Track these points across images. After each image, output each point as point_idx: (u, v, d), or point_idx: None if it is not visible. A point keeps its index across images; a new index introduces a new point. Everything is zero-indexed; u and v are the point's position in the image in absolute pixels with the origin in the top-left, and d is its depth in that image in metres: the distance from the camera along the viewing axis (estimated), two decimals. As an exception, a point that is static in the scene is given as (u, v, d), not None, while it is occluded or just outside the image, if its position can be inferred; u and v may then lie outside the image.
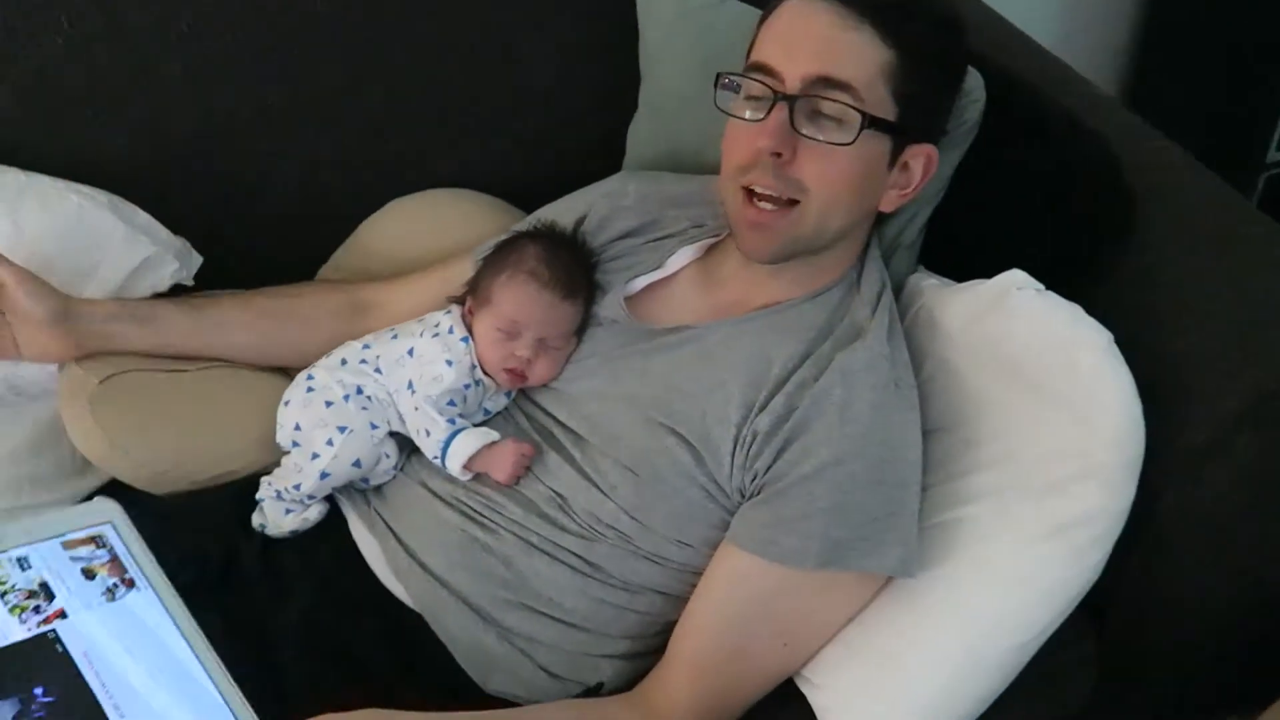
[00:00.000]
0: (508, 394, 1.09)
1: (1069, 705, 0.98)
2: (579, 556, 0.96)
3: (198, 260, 1.23)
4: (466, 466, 1.00)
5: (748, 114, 0.92)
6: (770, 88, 0.90)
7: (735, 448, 0.93)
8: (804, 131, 0.88)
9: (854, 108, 0.88)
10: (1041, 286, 0.93)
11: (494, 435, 1.02)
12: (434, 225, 1.29)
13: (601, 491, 0.96)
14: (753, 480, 0.92)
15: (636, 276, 1.06)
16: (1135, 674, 1.04)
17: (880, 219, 1.04)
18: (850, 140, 0.88)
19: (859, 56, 0.88)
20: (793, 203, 0.91)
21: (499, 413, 1.08)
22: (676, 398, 0.97)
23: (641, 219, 1.11)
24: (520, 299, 1.03)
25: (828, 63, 0.87)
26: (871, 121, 0.88)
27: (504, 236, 1.12)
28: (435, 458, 1.02)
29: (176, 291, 1.20)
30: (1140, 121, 1.06)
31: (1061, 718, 0.99)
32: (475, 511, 1.00)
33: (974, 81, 1.06)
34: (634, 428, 0.97)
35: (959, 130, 1.06)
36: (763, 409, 0.92)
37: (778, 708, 0.96)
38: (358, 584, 0.99)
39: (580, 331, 1.07)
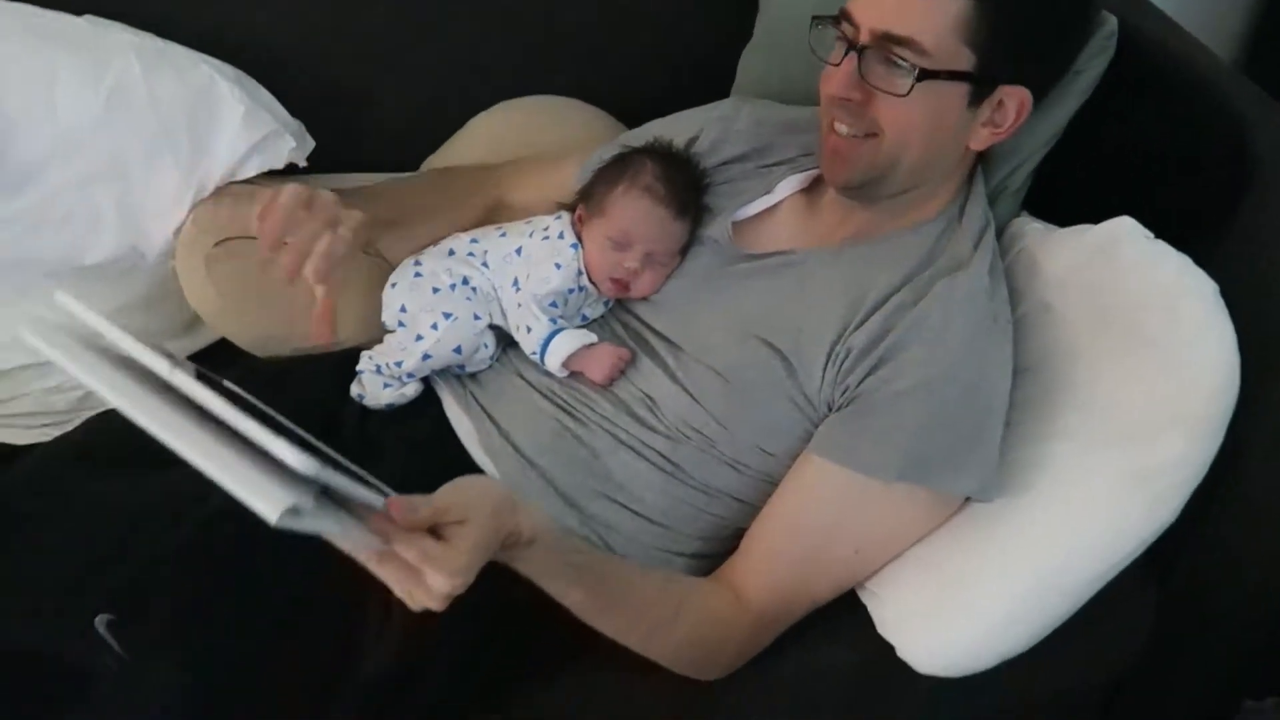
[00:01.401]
0: (606, 303, 1.12)
1: (1122, 655, 1.01)
2: (663, 456, 1.00)
3: (311, 143, 1.27)
4: (565, 364, 1.04)
5: (831, 57, 0.95)
6: (847, 37, 0.93)
7: (828, 362, 0.95)
8: (870, 80, 0.92)
9: (912, 62, 0.90)
10: (1151, 234, 0.94)
11: (592, 337, 1.05)
12: (542, 128, 1.32)
13: (691, 396, 1.00)
14: (843, 394, 0.95)
15: (747, 202, 1.09)
16: (1189, 636, 1.06)
17: (985, 160, 1.05)
18: (904, 92, 0.90)
19: (927, 11, 0.90)
20: (871, 135, 0.94)
21: (595, 319, 1.12)
22: (773, 315, 1.00)
23: (752, 144, 1.13)
24: (635, 213, 1.06)
25: (893, 18, 0.90)
26: (931, 74, 0.90)
27: (617, 149, 1.15)
28: (534, 353, 1.06)
29: (290, 174, 1.24)
30: (1259, 90, 1.06)
31: (1112, 667, 1.01)
32: (568, 404, 1.04)
33: (1102, 35, 1.06)
34: (728, 339, 1.00)
35: (1079, 81, 1.07)
36: (859, 327, 0.95)
37: (837, 616, 0.98)
38: (449, 456, 1.03)
39: (684, 250, 1.10)
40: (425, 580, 0.66)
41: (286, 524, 0.51)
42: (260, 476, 0.50)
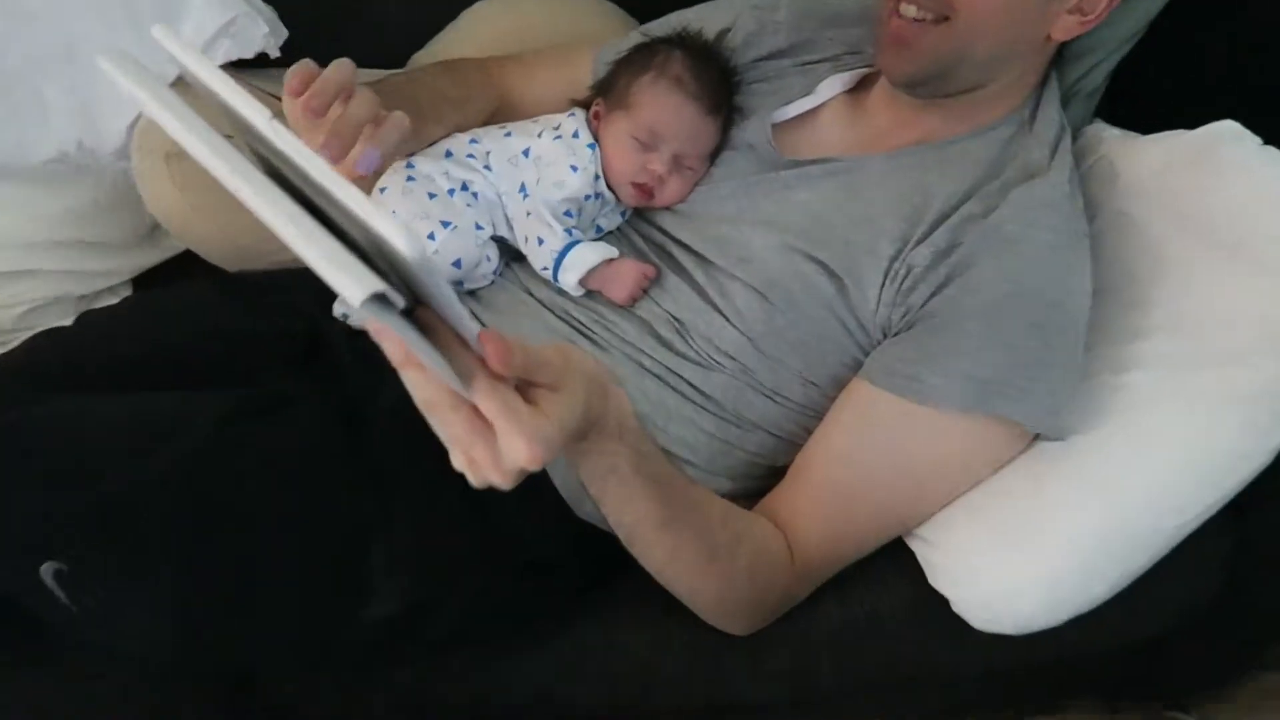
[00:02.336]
0: (623, 213, 1.00)
1: (1194, 601, 0.92)
2: (692, 385, 0.89)
3: (284, 33, 1.12)
4: (583, 281, 0.92)
5: None
6: None
7: (885, 281, 0.85)
8: None
9: None
10: (1259, 140, 0.83)
11: (614, 251, 0.93)
12: (544, 20, 1.19)
13: (724, 317, 0.89)
14: (903, 316, 0.84)
15: (786, 103, 0.97)
16: (1260, 588, 0.98)
17: (1059, 58, 0.94)
18: None
19: None
20: (943, 19, 0.83)
21: (610, 232, 1.00)
22: (819, 227, 0.89)
23: (793, 39, 1.01)
24: (664, 107, 0.94)
25: None
26: None
27: (639, 39, 1.02)
28: (545, 269, 0.94)
29: (260, 66, 1.10)
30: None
31: (1182, 615, 0.93)
32: (585, 326, 0.92)
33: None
34: (768, 251, 0.89)
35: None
36: (920, 242, 0.84)
37: (880, 566, 0.89)
38: None
39: (713, 155, 0.98)
40: (499, 443, 0.51)
41: (371, 311, 0.43)
42: (349, 258, 0.42)
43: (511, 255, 0.99)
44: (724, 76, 0.98)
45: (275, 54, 1.11)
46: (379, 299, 0.43)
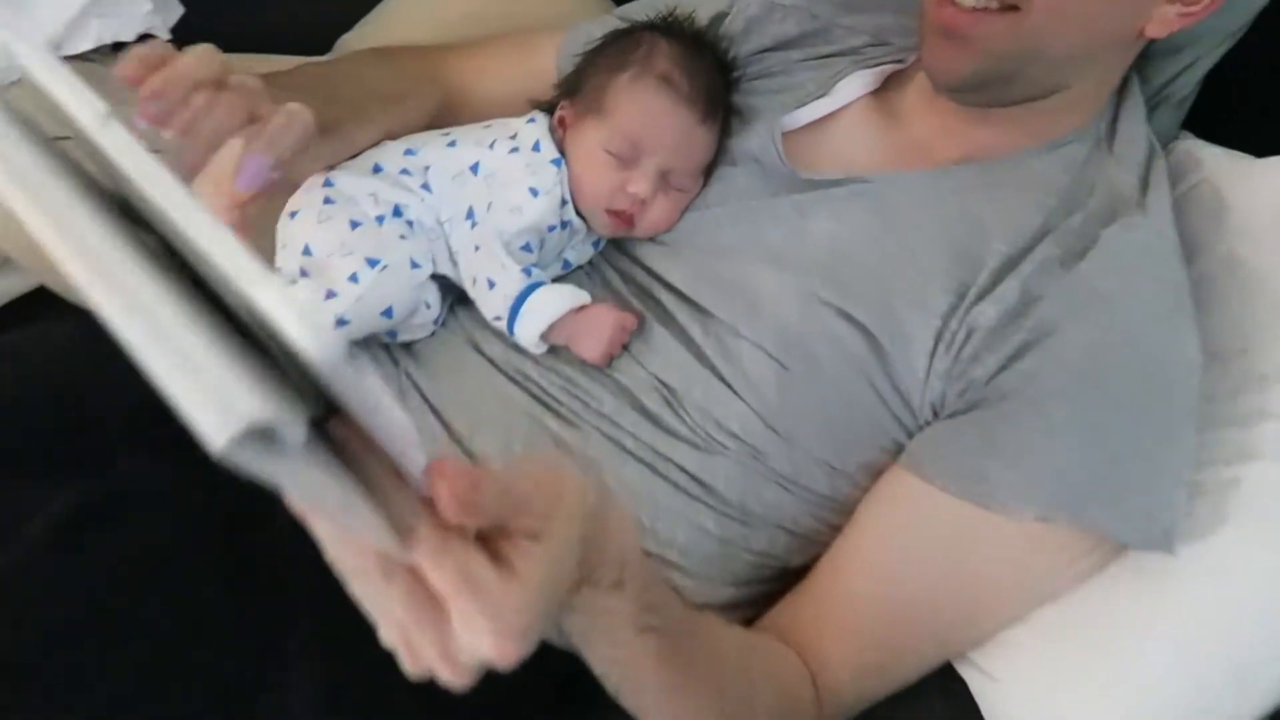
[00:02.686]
0: (595, 243, 0.80)
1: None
2: (686, 472, 0.70)
3: (178, 10, 0.91)
4: (545, 336, 0.72)
5: None
6: None
7: (937, 345, 0.66)
8: None
9: None
10: None
11: (584, 296, 0.74)
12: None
13: (727, 384, 0.70)
14: (962, 392, 0.65)
15: (798, 105, 0.78)
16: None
17: (1143, 58, 0.75)
18: None
19: None
20: (1010, 9, 0.66)
21: (579, 267, 0.80)
22: (846, 267, 0.70)
23: (804, 26, 0.83)
24: (649, 111, 0.75)
25: None
26: None
27: (614, 24, 0.82)
28: (498, 319, 0.74)
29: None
30: None
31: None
32: (549, 395, 0.73)
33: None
34: (783, 300, 0.70)
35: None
36: (984, 295, 0.66)
37: (926, 695, 0.71)
38: None
39: (708, 172, 0.78)
40: (454, 626, 0.36)
41: (241, 458, 0.25)
42: (221, 367, 0.26)
43: (457, 297, 0.79)
44: (721, 72, 0.80)
45: (165, 36, 0.90)
46: (259, 437, 0.25)
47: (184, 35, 0.91)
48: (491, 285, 0.74)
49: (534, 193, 0.75)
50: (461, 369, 0.75)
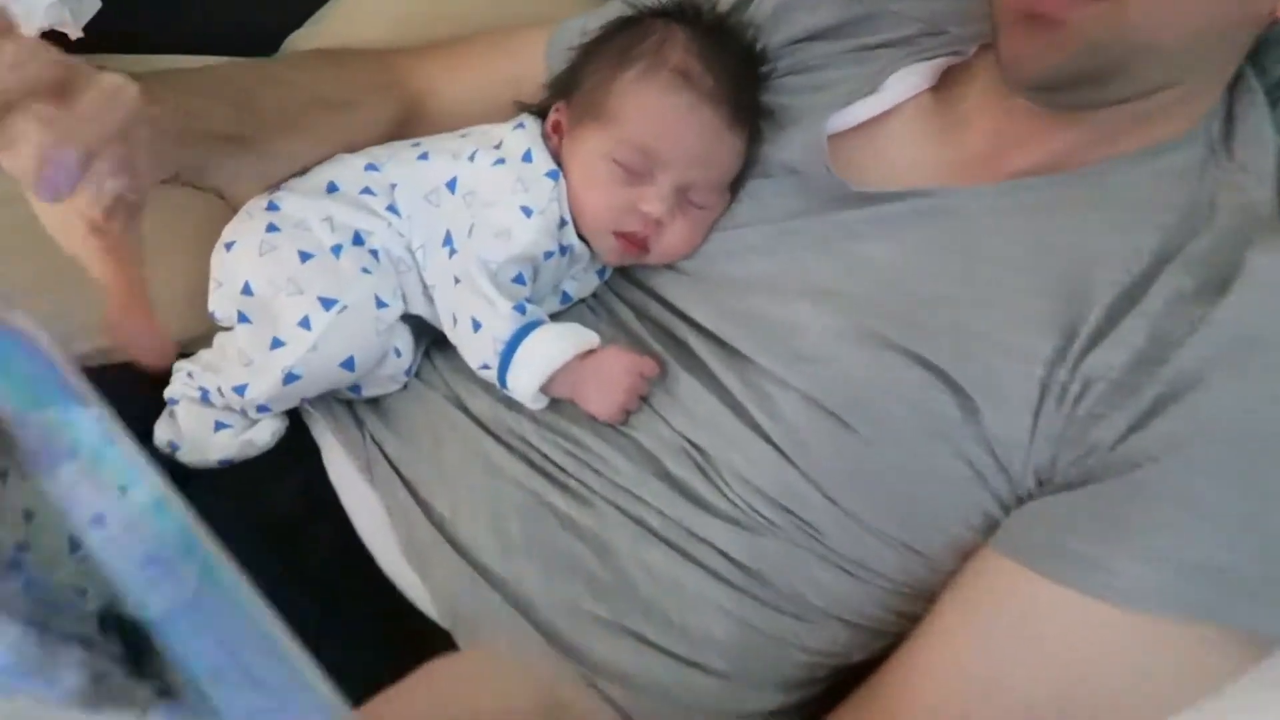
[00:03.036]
0: (600, 271, 0.67)
1: None
2: (725, 555, 0.57)
3: (92, 5, 0.76)
4: (546, 388, 0.59)
5: None
6: None
7: (1043, 401, 0.53)
8: None
9: None
10: None
11: (592, 337, 0.61)
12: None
13: (775, 447, 0.57)
14: (1078, 459, 0.53)
15: (842, 104, 0.66)
16: None
17: (1259, 45, 0.62)
18: None
19: None
20: None
21: (581, 301, 0.67)
22: (913, 302, 0.57)
23: (844, 12, 0.70)
24: (663, 113, 0.63)
25: None
26: None
27: (618, 10, 0.68)
28: (486, 367, 0.61)
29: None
30: None
31: None
32: (552, 463, 0.59)
33: None
34: (840, 343, 0.57)
35: None
36: (1100, 338, 0.53)
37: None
38: (332, 566, 0.60)
39: (734, 186, 0.66)
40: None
41: None
42: None
43: (434, 341, 0.66)
44: (748, 66, 0.67)
45: (75, 33, 0.75)
46: None
47: (101, 33, 0.76)
48: (477, 327, 0.60)
49: (526, 212, 0.61)
50: (441, 432, 0.61)
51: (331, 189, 0.65)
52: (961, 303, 0.56)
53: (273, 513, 0.60)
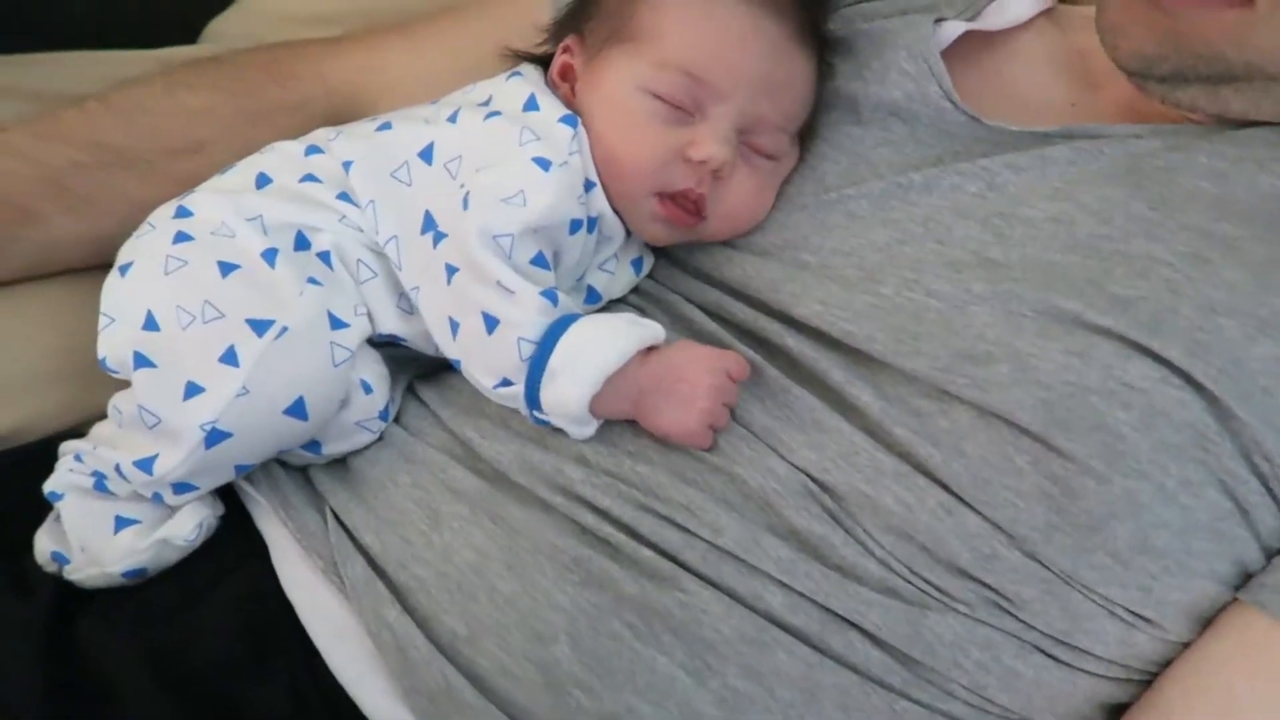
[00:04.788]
0: (636, 262, 0.50)
1: None
2: (878, 642, 0.42)
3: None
4: (596, 405, 0.43)
5: None
6: None
7: None
8: None
9: None
10: None
11: (655, 328, 0.45)
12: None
13: (940, 484, 0.42)
14: None
15: (966, 16, 0.53)
16: None
17: None
18: None
19: None
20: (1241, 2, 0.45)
21: (615, 303, 0.51)
22: (1120, 271, 0.43)
23: None
24: (715, 24, 0.48)
25: None
26: None
27: None
28: (504, 384, 0.44)
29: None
30: None
31: None
32: (612, 520, 0.43)
33: None
34: (1019, 330, 0.43)
35: None
36: None
37: None
38: (288, 702, 0.43)
39: (804, 133, 0.51)
40: None
41: None
42: None
43: (417, 374, 0.50)
44: None
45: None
46: None
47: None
48: (491, 326, 0.44)
49: (542, 164, 0.45)
50: (439, 503, 0.45)
51: (262, 182, 0.48)
52: (1173, 272, 0.42)
53: (200, 659, 0.42)
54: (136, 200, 0.51)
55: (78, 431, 0.51)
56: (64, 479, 0.47)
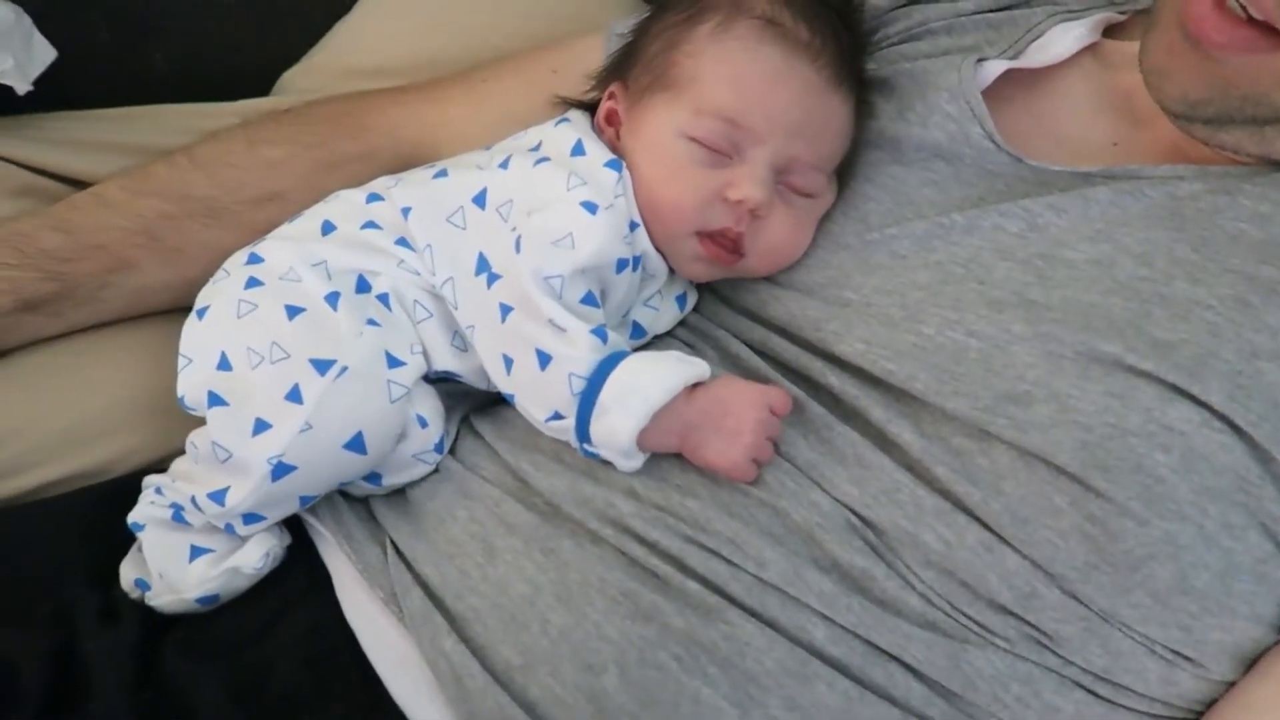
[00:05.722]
0: (679, 298, 0.52)
1: None
2: (917, 674, 0.42)
3: (46, 55, 0.64)
4: (644, 439, 0.44)
5: None
6: None
7: None
8: None
9: None
10: None
11: (700, 365, 0.47)
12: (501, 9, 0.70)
13: (980, 522, 0.42)
14: None
15: (1007, 55, 0.54)
16: None
17: None
18: None
19: None
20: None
21: (660, 338, 0.53)
22: (1161, 314, 0.43)
23: None
24: (752, 70, 0.50)
25: None
26: None
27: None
28: (556, 418, 0.46)
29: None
30: None
31: None
32: (660, 553, 0.44)
33: None
34: (1058, 371, 0.43)
35: None
36: None
37: None
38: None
39: (844, 170, 0.53)
40: None
41: None
42: None
43: (477, 404, 0.52)
44: (849, 18, 0.52)
45: (23, 88, 0.63)
46: None
47: (56, 84, 0.64)
48: (544, 362, 0.45)
49: (589, 209, 0.46)
50: (494, 536, 0.46)
51: (327, 229, 0.51)
52: (1217, 317, 0.42)
53: (274, 687, 0.44)
54: (218, 247, 0.53)
55: (162, 466, 0.52)
56: (145, 511, 0.49)
